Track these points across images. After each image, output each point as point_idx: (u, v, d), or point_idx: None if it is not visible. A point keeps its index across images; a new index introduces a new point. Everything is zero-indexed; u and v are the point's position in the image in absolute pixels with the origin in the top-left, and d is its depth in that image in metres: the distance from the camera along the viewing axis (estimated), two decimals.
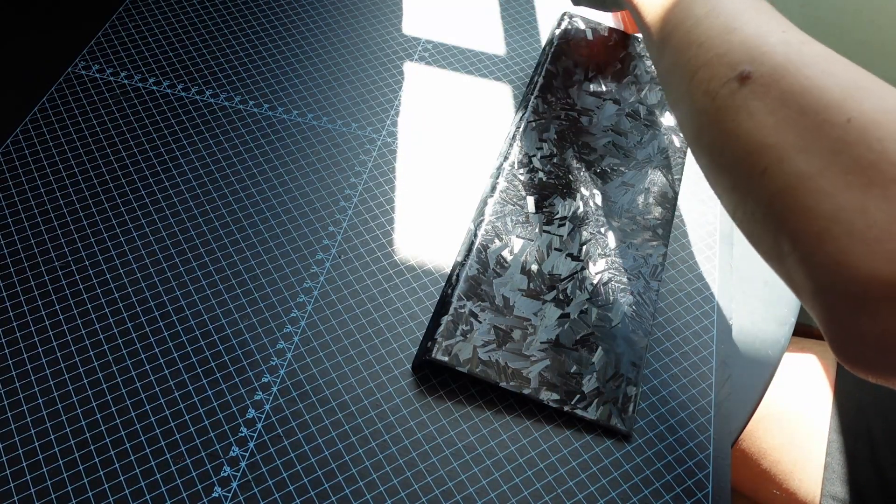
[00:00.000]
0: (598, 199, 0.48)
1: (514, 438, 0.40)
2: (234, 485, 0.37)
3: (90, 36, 0.56)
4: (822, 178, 0.26)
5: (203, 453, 0.38)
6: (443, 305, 0.42)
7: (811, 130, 0.27)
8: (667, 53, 0.36)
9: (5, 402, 0.39)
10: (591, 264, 0.45)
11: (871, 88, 0.27)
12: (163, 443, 0.38)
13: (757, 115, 0.29)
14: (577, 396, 0.40)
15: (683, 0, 0.35)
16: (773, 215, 0.28)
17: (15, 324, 0.42)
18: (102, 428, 0.38)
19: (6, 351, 0.40)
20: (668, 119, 0.53)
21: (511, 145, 0.49)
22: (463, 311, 0.41)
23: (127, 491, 0.36)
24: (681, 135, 0.52)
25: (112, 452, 0.38)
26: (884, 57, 0.93)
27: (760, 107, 0.29)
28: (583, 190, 0.48)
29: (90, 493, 0.36)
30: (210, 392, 0.40)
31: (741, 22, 0.32)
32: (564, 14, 0.57)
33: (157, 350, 0.41)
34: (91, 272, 0.44)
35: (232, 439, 0.38)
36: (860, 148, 0.26)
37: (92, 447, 0.38)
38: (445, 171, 0.51)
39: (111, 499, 0.36)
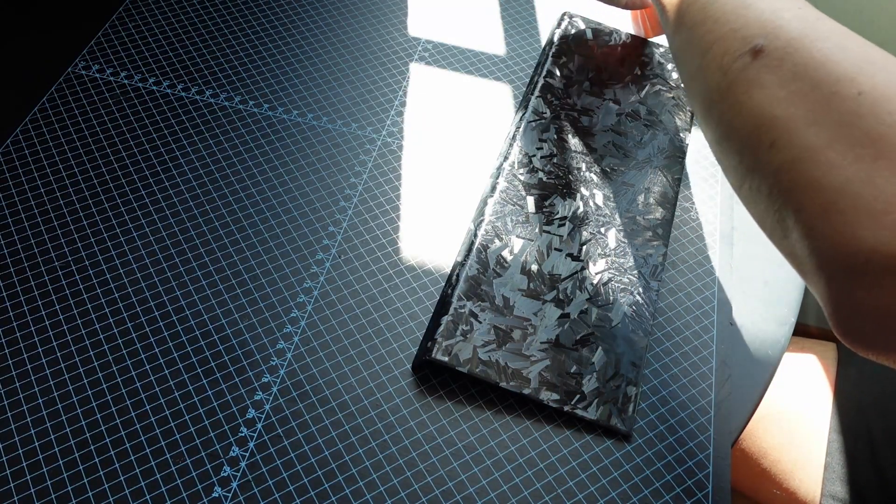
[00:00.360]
0: (598, 199, 0.48)
1: (514, 438, 0.40)
2: (234, 485, 0.37)
3: (90, 36, 0.56)
4: (831, 149, 0.27)
5: (203, 453, 0.38)
6: (443, 305, 0.42)
7: (822, 103, 0.27)
8: (682, 30, 0.36)
9: (5, 402, 0.39)
10: (591, 264, 0.45)
11: (883, 64, 0.27)
12: (163, 443, 0.38)
13: (768, 87, 0.29)
14: (577, 396, 0.40)
15: None
16: (779, 189, 0.29)
17: (15, 324, 0.42)
18: (102, 428, 0.38)
19: (6, 351, 0.40)
20: (668, 119, 0.53)
21: (511, 145, 0.49)
22: (463, 311, 0.41)
23: (127, 491, 0.36)
24: (681, 135, 0.52)
25: (112, 452, 0.38)
26: None
27: (772, 80, 0.29)
28: (583, 190, 0.48)
29: (90, 493, 0.36)
30: (210, 392, 0.40)
31: None
32: (564, 14, 0.57)
33: (157, 350, 0.41)
34: (91, 272, 0.44)
35: (232, 439, 0.38)
36: (870, 121, 0.26)
37: (92, 447, 0.38)
38: (445, 171, 0.51)
39: (111, 499, 0.36)
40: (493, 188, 0.47)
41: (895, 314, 0.25)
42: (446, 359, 0.39)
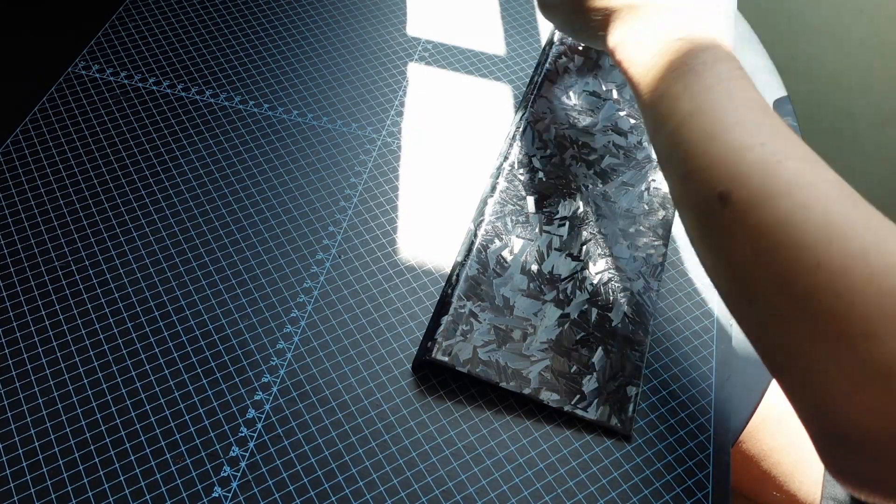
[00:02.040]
0: (599, 199, 0.48)
1: (514, 438, 0.40)
2: (234, 485, 0.37)
3: (90, 36, 0.56)
4: (798, 322, 0.27)
5: (203, 453, 0.38)
6: (443, 305, 0.42)
7: (786, 270, 0.27)
8: (658, 141, 0.35)
9: (5, 402, 0.39)
10: (591, 264, 0.45)
11: (841, 226, 0.26)
12: (163, 443, 0.38)
13: (739, 242, 0.29)
14: (577, 396, 0.40)
15: (672, 90, 0.33)
16: (763, 347, 0.30)
17: (15, 324, 0.42)
18: (102, 428, 0.38)
19: (6, 351, 0.40)
20: None
21: (511, 145, 0.49)
22: (463, 311, 0.41)
23: (127, 491, 0.36)
24: None
25: (112, 452, 0.37)
26: (884, 57, 0.93)
27: (742, 234, 0.29)
28: (583, 190, 0.48)
29: (90, 493, 0.36)
30: (210, 392, 0.40)
31: (721, 128, 0.30)
32: None
33: (157, 350, 0.41)
34: (91, 272, 0.44)
35: (232, 439, 0.38)
36: (829, 297, 0.25)
37: (92, 447, 0.38)
38: (445, 171, 0.51)
39: (111, 499, 0.36)
40: (493, 188, 0.47)
41: (874, 481, 0.26)
42: (446, 359, 0.39)
